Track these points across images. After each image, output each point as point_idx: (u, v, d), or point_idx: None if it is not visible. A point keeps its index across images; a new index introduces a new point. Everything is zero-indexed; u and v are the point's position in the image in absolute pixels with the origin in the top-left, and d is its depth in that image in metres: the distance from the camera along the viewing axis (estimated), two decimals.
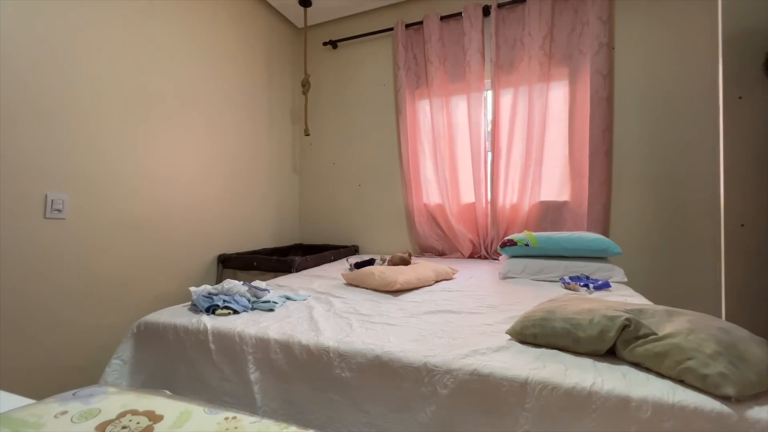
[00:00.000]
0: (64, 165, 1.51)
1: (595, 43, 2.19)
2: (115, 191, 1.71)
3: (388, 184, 2.86)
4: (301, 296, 1.47)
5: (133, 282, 1.79)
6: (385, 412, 0.88)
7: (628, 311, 0.90)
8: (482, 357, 0.87)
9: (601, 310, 0.91)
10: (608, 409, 0.72)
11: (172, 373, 1.13)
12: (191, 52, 2.11)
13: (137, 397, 0.57)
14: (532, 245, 1.83)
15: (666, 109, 2.16)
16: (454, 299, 1.44)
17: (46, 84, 1.45)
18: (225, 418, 0.52)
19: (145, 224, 1.85)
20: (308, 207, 3.15)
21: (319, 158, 3.11)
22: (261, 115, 2.70)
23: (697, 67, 2.10)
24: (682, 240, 2.11)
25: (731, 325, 0.84)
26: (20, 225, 1.38)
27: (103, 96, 1.65)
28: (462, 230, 2.55)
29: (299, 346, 1.00)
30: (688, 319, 0.85)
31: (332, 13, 2.93)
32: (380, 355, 0.92)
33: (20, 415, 0.51)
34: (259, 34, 2.68)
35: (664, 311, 0.92)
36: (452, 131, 2.59)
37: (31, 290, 1.41)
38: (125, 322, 1.72)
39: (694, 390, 0.71)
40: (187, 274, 2.09)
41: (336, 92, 3.04)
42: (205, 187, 2.21)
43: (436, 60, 2.58)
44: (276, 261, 2.19)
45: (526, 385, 0.78)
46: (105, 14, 1.65)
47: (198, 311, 1.25)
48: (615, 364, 0.82)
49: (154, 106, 1.89)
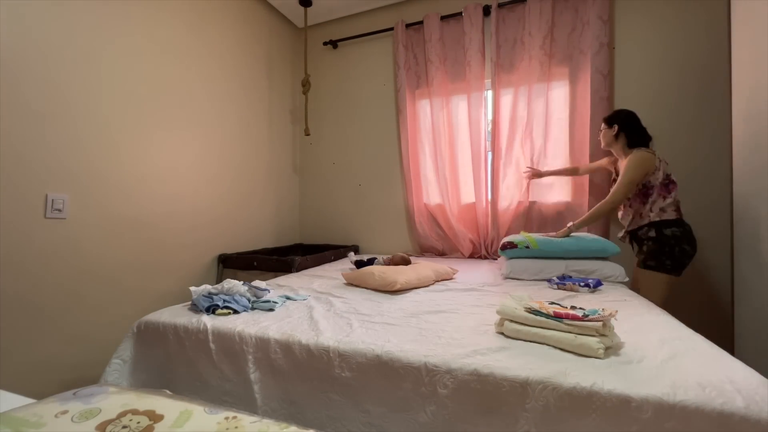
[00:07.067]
0: (64, 165, 1.51)
1: (595, 42, 2.19)
2: (115, 191, 1.71)
3: (388, 184, 2.85)
4: (301, 296, 1.47)
5: (133, 282, 1.79)
6: (385, 412, 0.88)
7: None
8: (482, 357, 0.87)
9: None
10: (609, 409, 0.72)
11: (172, 373, 1.13)
12: (191, 52, 2.11)
13: (137, 396, 0.57)
14: (533, 247, 1.82)
15: (666, 108, 2.16)
16: (455, 299, 1.44)
17: (46, 84, 1.45)
18: (225, 418, 0.52)
19: (145, 224, 1.85)
20: (308, 207, 3.15)
21: (319, 158, 3.11)
22: (261, 114, 2.70)
23: (699, 66, 2.10)
24: None
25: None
26: (20, 225, 1.38)
27: (103, 96, 1.65)
28: (462, 230, 2.55)
29: (299, 345, 1.00)
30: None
31: (332, 12, 2.93)
32: (380, 355, 0.92)
33: (21, 415, 0.51)
34: (259, 34, 2.68)
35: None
36: (452, 131, 2.59)
37: (31, 290, 1.41)
38: (125, 322, 1.71)
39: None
40: (187, 274, 2.09)
41: (336, 92, 3.04)
42: (205, 186, 2.21)
43: (437, 60, 2.58)
44: (276, 261, 2.19)
45: (527, 385, 0.78)
46: (105, 14, 1.65)
47: (198, 311, 1.25)
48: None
49: (154, 106, 1.89)
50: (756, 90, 1.65)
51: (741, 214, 1.81)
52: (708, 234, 2.06)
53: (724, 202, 2.03)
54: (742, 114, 1.79)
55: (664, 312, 1.23)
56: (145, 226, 1.85)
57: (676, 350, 0.89)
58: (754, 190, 1.68)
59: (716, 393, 0.69)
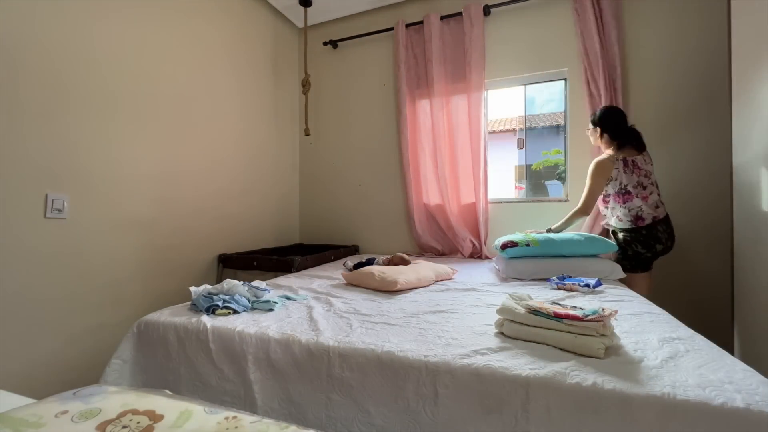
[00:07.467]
0: (64, 165, 1.51)
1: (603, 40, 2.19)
2: (115, 191, 1.71)
3: (388, 184, 2.85)
4: (301, 296, 1.47)
5: (134, 282, 1.79)
6: (385, 412, 0.88)
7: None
8: (482, 357, 0.87)
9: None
10: (609, 409, 0.72)
11: (172, 373, 1.13)
12: (191, 52, 2.10)
13: (137, 396, 0.57)
14: (533, 245, 1.82)
15: (666, 108, 2.15)
16: (455, 299, 1.44)
17: (46, 84, 1.45)
18: (225, 418, 0.52)
19: (145, 224, 1.85)
20: (308, 207, 3.15)
21: (319, 158, 3.11)
22: (261, 114, 2.70)
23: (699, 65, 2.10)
24: (691, 239, 2.10)
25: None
26: (20, 225, 1.38)
27: (103, 96, 1.65)
28: (462, 230, 2.55)
29: (299, 345, 1.00)
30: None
31: (332, 12, 2.93)
32: (380, 355, 0.92)
33: (21, 415, 0.51)
34: (259, 34, 2.68)
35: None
36: (452, 131, 2.59)
37: (31, 290, 1.41)
38: (125, 322, 1.71)
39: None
40: (187, 274, 2.09)
41: (336, 92, 3.04)
42: (206, 187, 2.21)
43: (437, 60, 2.58)
44: (276, 261, 2.19)
45: (527, 385, 0.78)
46: (105, 14, 1.65)
47: (198, 311, 1.25)
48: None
49: (155, 107, 1.89)
50: (756, 89, 1.65)
51: (741, 213, 1.81)
52: (708, 234, 2.07)
53: (724, 201, 2.03)
54: (742, 114, 1.79)
55: (664, 312, 1.23)
56: (145, 226, 1.85)
57: (676, 350, 0.89)
58: (755, 189, 1.68)
59: (716, 393, 0.69)
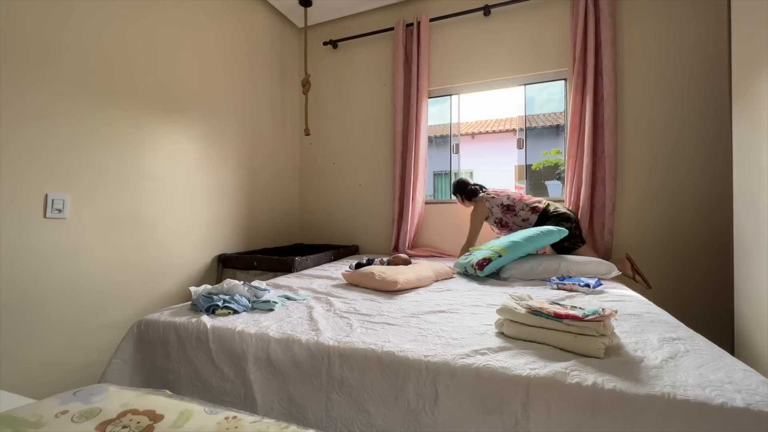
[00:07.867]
0: (64, 165, 1.51)
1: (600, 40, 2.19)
2: (115, 191, 1.71)
3: (388, 184, 2.85)
4: (301, 296, 1.47)
5: (133, 282, 1.79)
6: (385, 412, 0.88)
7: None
8: (482, 357, 0.87)
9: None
10: (609, 409, 0.72)
11: (172, 373, 1.13)
12: (191, 51, 2.10)
13: (137, 396, 0.57)
14: (504, 253, 1.80)
15: (666, 107, 2.16)
16: (455, 299, 1.44)
17: (46, 83, 1.45)
18: (225, 418, 0.52)
19: (145, 224, 1.85)
20: (308, 207, 3.15)
21: (319, 158, 3.11)
22: (261, 114, 2.70)
23: (699, 65, 2.10)
24: (692, 240, 2.10)
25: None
26: (20, 225, 1.38)
27: (103, 96, 1.65)
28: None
29: (299, 345, 1.00)
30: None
31: (332, 12, 2.93)
32: (380, 355, 0.92)
33: (21, 415, 0.51)
34: (259, 34, 2.68)
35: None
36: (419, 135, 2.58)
37: (31, 290, 1.41)
38: (125, 322, 1.71)
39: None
40: (187, 274, 2.09)
41: (336, 92, 3.04)
42: (205, 187, 2.21)
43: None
44: (276, 261, 2.19)
45: (527, 385, 0.78)
46: (104, 13, 1.65)
47: (198, 311, 1.25)
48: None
49: (154, 106, 1.89)
50: (757, 90, 1.65)
51: (741, 213, 1.81)
52: (708, 234, 2.06)
53: (724, 201, 2.03)
54: (742, 113, 1.79)
55: (664, 312, 1.23)
56: (146, 226, 1.85)
57: (676, 350, 0.89)
58: (755, 189, 1.67)
59: (716, 393, 0.69)
